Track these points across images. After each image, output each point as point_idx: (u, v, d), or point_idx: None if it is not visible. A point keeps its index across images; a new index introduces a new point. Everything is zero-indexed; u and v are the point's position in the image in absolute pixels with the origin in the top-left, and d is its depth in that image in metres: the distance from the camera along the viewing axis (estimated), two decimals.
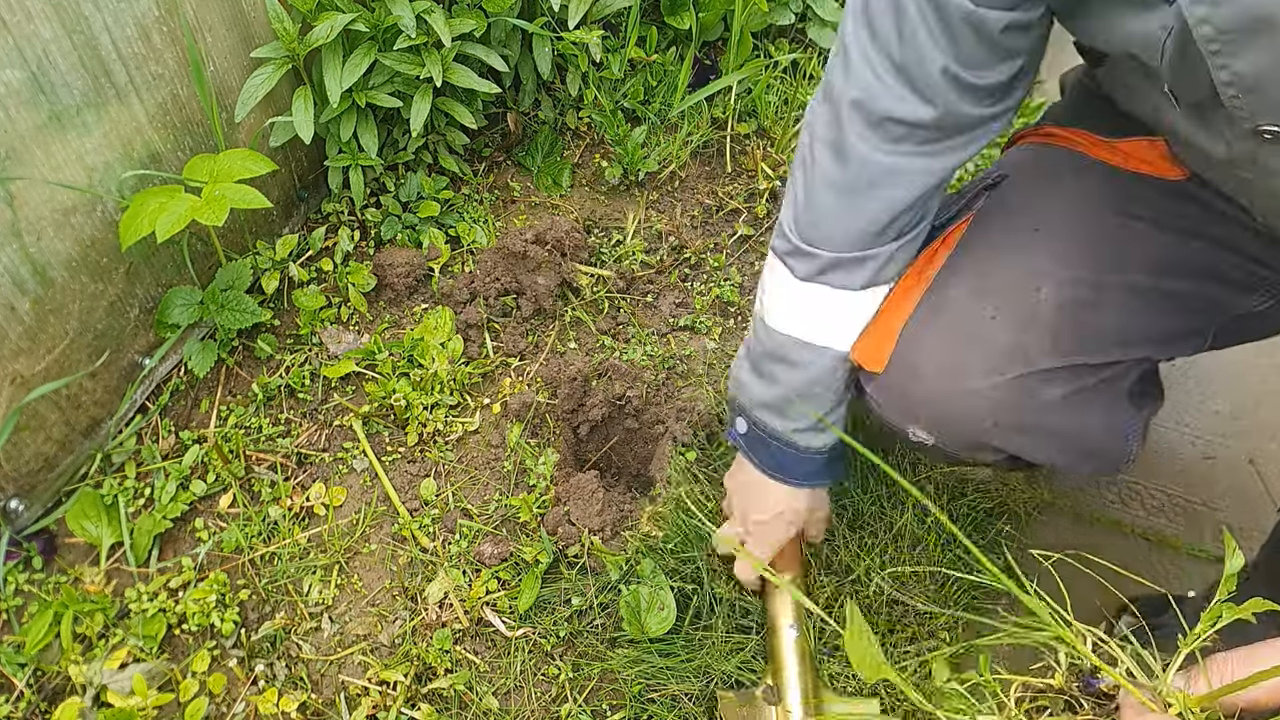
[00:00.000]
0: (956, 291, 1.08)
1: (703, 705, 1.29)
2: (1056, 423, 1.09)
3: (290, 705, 1.26)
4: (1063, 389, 1.07)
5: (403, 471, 1.50)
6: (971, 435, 1.10)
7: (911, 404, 1.10)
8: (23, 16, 1.09)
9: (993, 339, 1.05)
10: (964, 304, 1.07)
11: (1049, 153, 1.17)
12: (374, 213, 1.73)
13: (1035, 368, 1.05)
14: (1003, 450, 1.12)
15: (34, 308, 1.26)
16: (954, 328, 1.07)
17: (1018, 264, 1.07)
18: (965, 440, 1.11)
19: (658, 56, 1.97)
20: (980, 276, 1.08)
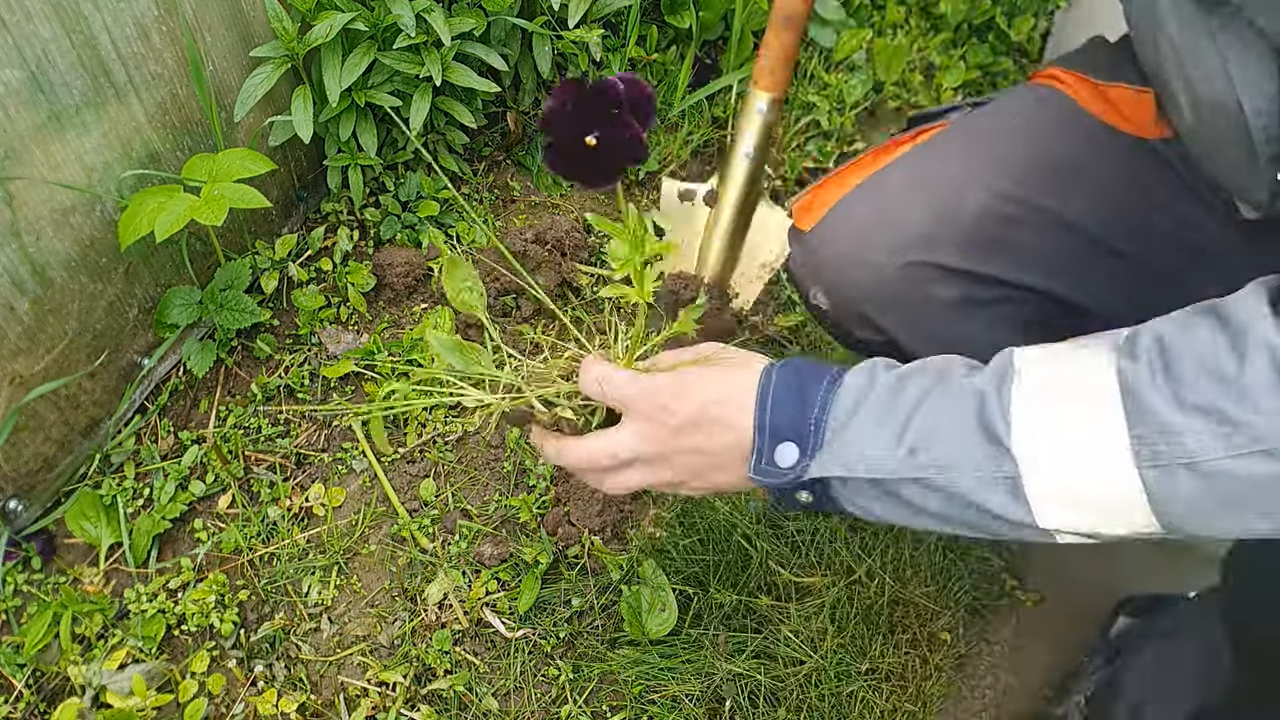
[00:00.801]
0: (895, 178, 1.12)
1: (703, 706, 1.29)
2: (939, 321, 1.10)
3: (289, 706, 1.26)
4: (956, 291, 1.09)
5: (402, 472, 1.50)
6: (858, 307, 1.13)
7: (818, 266, 1.15)
8: (22, 16, 1.08)
9: (907, 224, 1.09)
10: (896, 189, 1.11)
11: (1040, 90, 1.18)
12: (373, 212, 1.73)
13: (935, 261, 1.08)
14: (884, 332, 1.14)
15: (33, 308, 1.25)
16: (879, 208, 1.11)
17: (959, 167, 1.10)
18: (852, 311, 1.14)
19: (658, 56, 1.97)
20: (921, 170, 1.12)
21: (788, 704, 1.29)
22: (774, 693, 1.31)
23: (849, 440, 0.77)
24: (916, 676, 1.35)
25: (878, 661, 1.34)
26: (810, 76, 2.05)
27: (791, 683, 1.31)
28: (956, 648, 1.38)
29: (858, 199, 1.13)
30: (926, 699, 1.33)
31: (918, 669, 1.35)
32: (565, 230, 1.70)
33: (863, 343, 1.19)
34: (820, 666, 1.32)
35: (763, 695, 1.30)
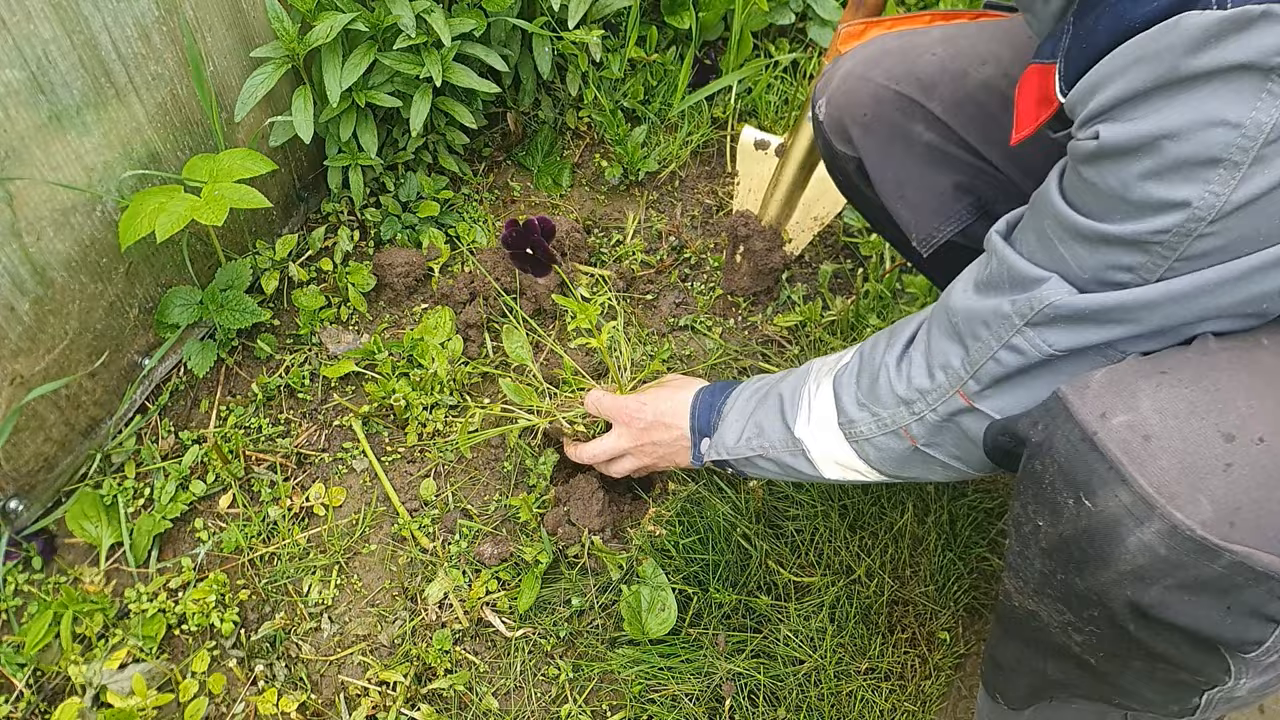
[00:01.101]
0: (934, 34, 1.25)
1: (703, 705, 1.29)
2: (906, 158, 1.24)
3: (290, 705, 1.26)
4: (933, 136, 1.21)
5: (402, 471, 1.50)
6: (844, 117, 1.27)
7: (833, 78, 1.29)
8: (22, 16, 1.09)
9: (918, 66, 1.21)
10: (927, 41, 1.23)
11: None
12: (374, 212, 1.73)
13: (924, 104, 1.20)
14: (857, 151, 1.28)
15: (34, 308, 1.26)
16: (903, 47, 1.24)
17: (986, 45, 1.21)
18: (838, 121, 1.28)
19: (658, 56, 1.97)
20: (956, 38, 1.23)
21: (787, 703, 1.30)
22: (773, 692, 1.31)
23: (721, 434, 1.23)
24: (916, 676, 1.35)
25: (877, 661, 1.34)
26: (810, 76, 2.05)
27: (791, 682, 1.31)
28: (956, 647, 1.38)
29: (893, 38, 1.27)
30: (926, 698, 1.34)
31: (917, 668, 1.35)
32: (565, 230, 1.70)
33: (839, 155, 1.33)
34: (820, 666, 1.32)
35: (762, 694, 1.30)
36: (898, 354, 1.03)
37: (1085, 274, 0.80)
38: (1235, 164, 0.68)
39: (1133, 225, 0.74)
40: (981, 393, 0.92)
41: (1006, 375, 0.88)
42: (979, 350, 0.90)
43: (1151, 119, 0.70)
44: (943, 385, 0.95)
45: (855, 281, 1.76)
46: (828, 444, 1.10)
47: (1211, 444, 0.72)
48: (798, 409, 1.13)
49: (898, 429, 1.02)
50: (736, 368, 1.64)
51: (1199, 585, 0.73)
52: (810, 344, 1.66)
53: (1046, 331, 0.84)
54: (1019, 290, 0.85)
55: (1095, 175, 0.76)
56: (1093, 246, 0.79)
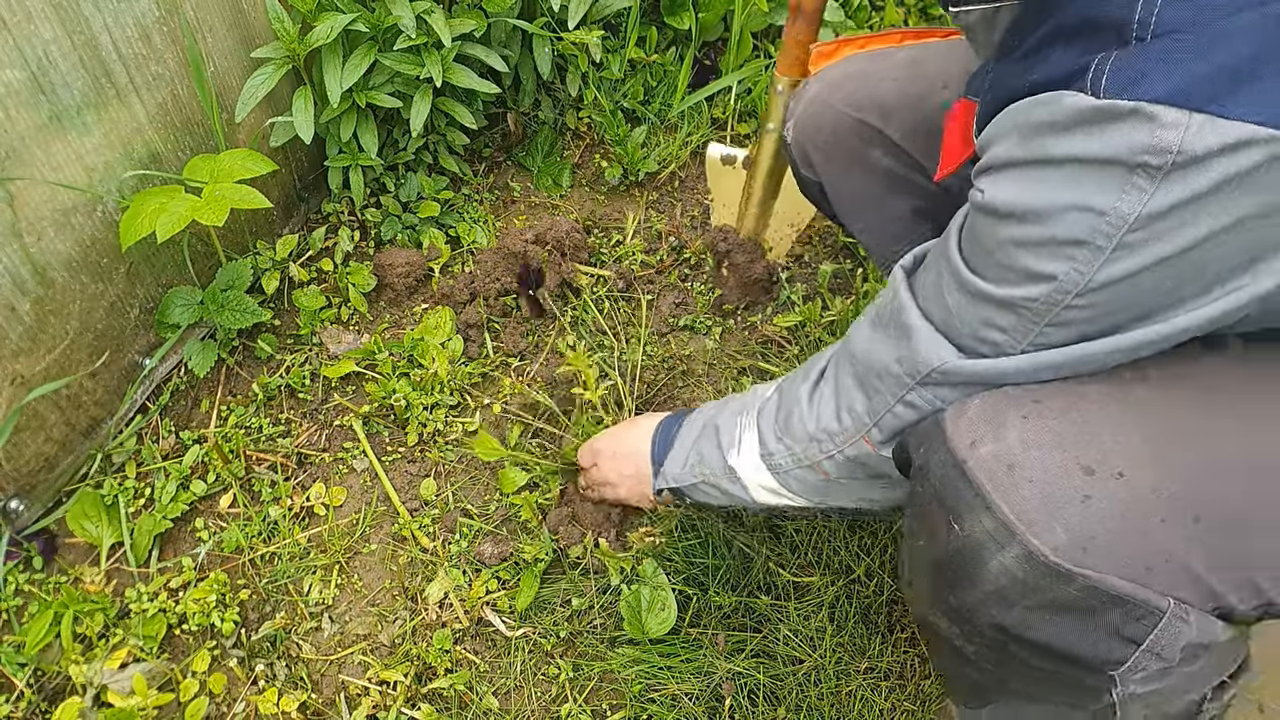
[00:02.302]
0: (900, 56, 1.26)
1: (703, 705, 1.29)
2: (864, 182, 1.27)
3: (290, 705, 1.26)
4: (890, 162, 1.24)
5: (403, 471, 1.50)
6: (807, 143, 1.30)
7: (801, 99, 1.32)
8: (23, 16, 1.09)
9: (877, 92, 1.23)
10: (892, 64, 1.25)
11: None
12: (374, 213, 1.73)
13: (882, 130, 1.22)
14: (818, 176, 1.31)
15: (34, 308, 1.26)
16: (866, 70, 1.26)
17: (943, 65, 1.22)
18: (804, 148, 1.31)
19: (658, 56, 1.97)
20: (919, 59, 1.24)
21: (787, 703, 1.30)
22: (773, 691, 1.31)
23: (668, 464, 1.26)
24: (915, 675, 1.35)
25: (876, 660, 1.34)
26: None
27: (791, 681, 1.31)
28: None
29: (860, 59, 1.28)
30: (925, 698, 1.34)
31: (916, 667, 1.35)
32: (565, 231, 1.70)
33: (805, 180, 1.36)
34: (819, 665, 1.32)
35: (762, 694, 1.30)
36: (809, 389, 1.06)
37: (964, 328, 0.83)
38: (1099, 247, 0.70)
39: (1006, 289, 0.77)
40: (885, 442, 0.96)
41: (905, 426, 0.92)
42: (879, 402, 0.94)
43: (1024, 191, 0.73)
44: (849, 429, 0.99)
45: (855, 281, 1.76)
46: (756, 473, 1.13)
47: (1071, 476, 0.76)
48: (733, 439, 1.16)
49: (812, 464, 1.05)
50: (736, 368, 1.64)
51: (1058, 607, 0.77)
52: (810, 344, 1.67)
53: (938, 389, 0.87)
54: (905, 342, 0.88)
55: (979, 229, 0.79)
56: (972, 300, 0.81)
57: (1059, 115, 0.69)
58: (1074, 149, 0.68)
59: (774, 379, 1.32)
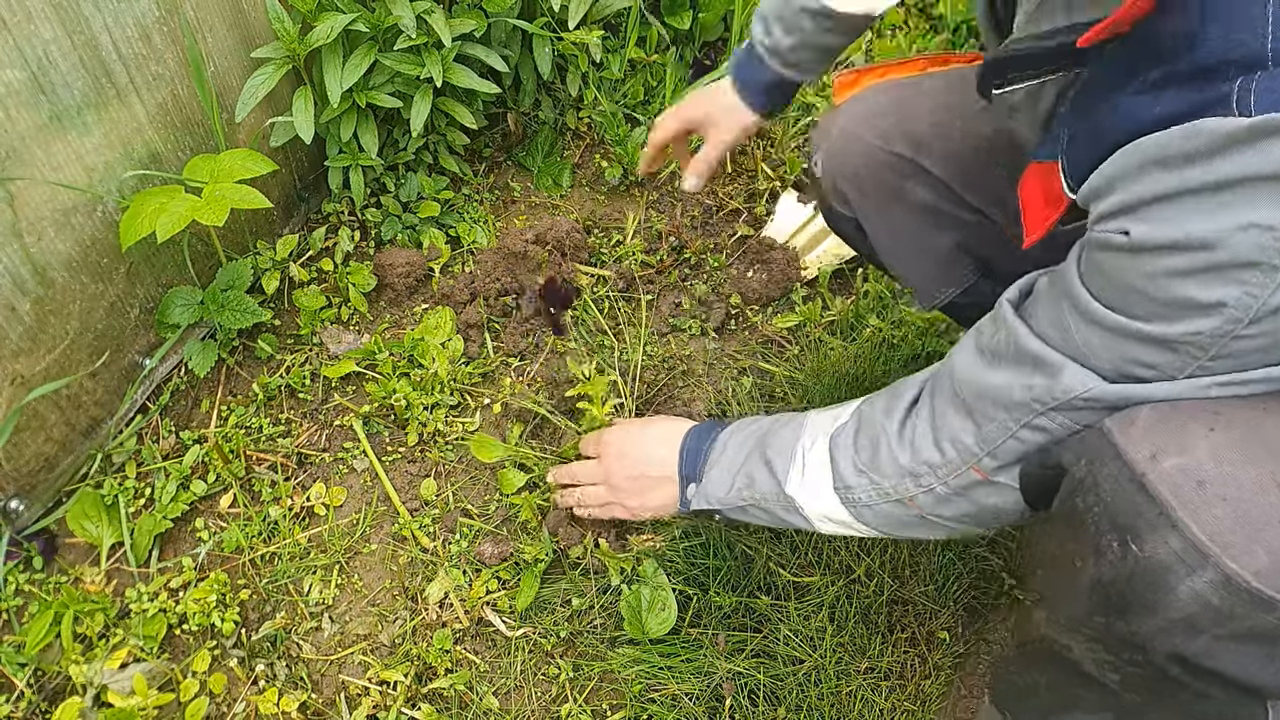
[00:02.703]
0: (927, 84, 1.22)
1: (703, 705, 1.29)
2: (903, 217, 1.23)
3: (290, 705, 1.26)
4: (929, 195, 1.20)
5: (403, 471, 1.50)
6: (840, 180, 1.26)
7: (829, 131, 1.27)
8: (23, 16, 1.09)
9: (911, 123, 1.20)
10: (920, 93, 1.21)
11: None
12: (374, 213, 1.73)
13: (918, 161, 1.19)
14: (854, 211, 1.27)
15: (34, 308, 1.26)
16: (896, 102, 1.22)
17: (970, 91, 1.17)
18: (836, 183, 1.27)
19: (657, 57, 1.97)
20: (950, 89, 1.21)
21: (787, 703, 1.30)
22: (773, 691, 1.31)
23: (708, 483, 1.19)
24: (915, 675, 1.35)
25: (877, 660, 1.34)
26: None
27: (791, 682, 1.31)
28: (955, 647, 1.38)
29: (886, 90, 1.24)
30: (925, 698, 1.34)
31: (917, 668, 1.35)
32: (565, 231, 1.70)
33: (838, 216, 1.32)
34: (819, 665, 1.32)
35: (762, 694, 1.30)
36: (899, 420, 1.00)
37: (1105, 366, 0.78)
38: (1273, 266, 0.66)
39: (1161, 326, 0.72)
40: (1000, 468, 0.90)
41: (1028, 451, 0.87)
42: (995, 430, 0.88)
43: (1181, 223, 0.68)
44: (954, 461, 0.93)
45: (855, 282, 1.76)
46: (822, 504, 1.08)
47: (1268, 493, 0.70)
48: (790, 465, 1.11)
49: (902, 499, 0.99)
50: (736, 368, 1.64)
51: (1250, 635, 0.72)
52: (810, 344, 1.67)
53: (1074, 414, 0.82)
54: (1033, 373, 0.83)
55: (1118, 269, 0.74)
56: (1114, 339, 0.76)
57: (1208, 141, 0.66)
58: (1234, 170, 0.65)
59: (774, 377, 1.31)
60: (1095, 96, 0.77)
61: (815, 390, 1.57)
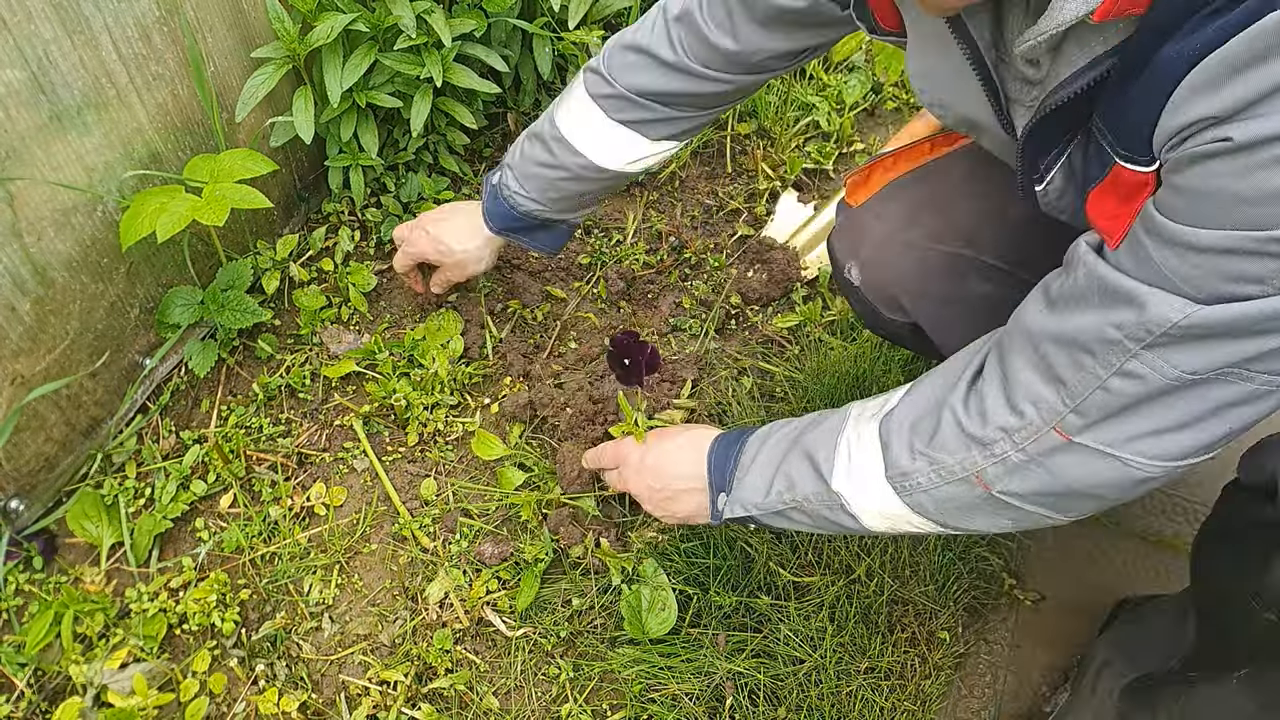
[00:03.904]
0: (953, 171, 1.17)
1: (703, 705, 1.29)
2: (967, 314, 1.14)
3: (291, 705, 1.26)
4: (992, 287, 1.15)
5: (403, 471, 1.50)
6: (890, 286, 1.19)
7: (859, 240, 1.21)
8: (23, 16, 1.09)
9: (956, 217, 1.14)
10: (953, 182, 1.16)
11: None
12: (374, 213, 1.73)
13: (974, 255, 1.14)
14: (910, 316, 1.20)
15: (34, 308, 1.26)
16: (931, 196, 1.16)
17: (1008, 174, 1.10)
18: (883, 290, 1.21)
19: None
20: (976, 167, 1.15)
21: (788, 703, 1.30)
22: (774, 691, 1.31)
23: (742, 490, 1.13)
24: (916, 675, 1.35)
25: (877, 660, 1.34)
26: (809, 77, 2.05)
27: (791, 681, 1.31)
28: (955, 647, 1.38)
29: (912, 186, 1.17)
30: (926, 698, 1.34)
31: (917, 668, 1.35)
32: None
33: (888, 322, 1.25)
34: (820, 665, 1.32)
35: (762, 694, 1.30)
36: (964, 391, 0.93)
37: (1200, 292, 0.71)
38: None
39: (1269, 230, 0.66)
40: (1087, 428, 0.82)
41: (1123, 406, 0.79)
42: (1081, 381, 0.80)
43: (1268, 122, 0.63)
44: (1034, 421, 0.85)
45: None
46: (873, 497, 1.01)
47: None
48: (835, 459, 1.03)
49: (968, 475, 0.91)
50: (736, 368, 1.64)
51: None
52: (810, 344, 1.67)
53: (1170, 353, 0.74)
54: (1121, 308, 0.76)
55: (1216, 180, 0.68)
56: (1212, 259, 0.70)
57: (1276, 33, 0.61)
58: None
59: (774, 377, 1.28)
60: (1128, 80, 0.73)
61: (815, 390, 1.57)
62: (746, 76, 1.19)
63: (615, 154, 1.30)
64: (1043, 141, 0.85)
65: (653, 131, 1.28)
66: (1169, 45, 0.68)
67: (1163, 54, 0.68)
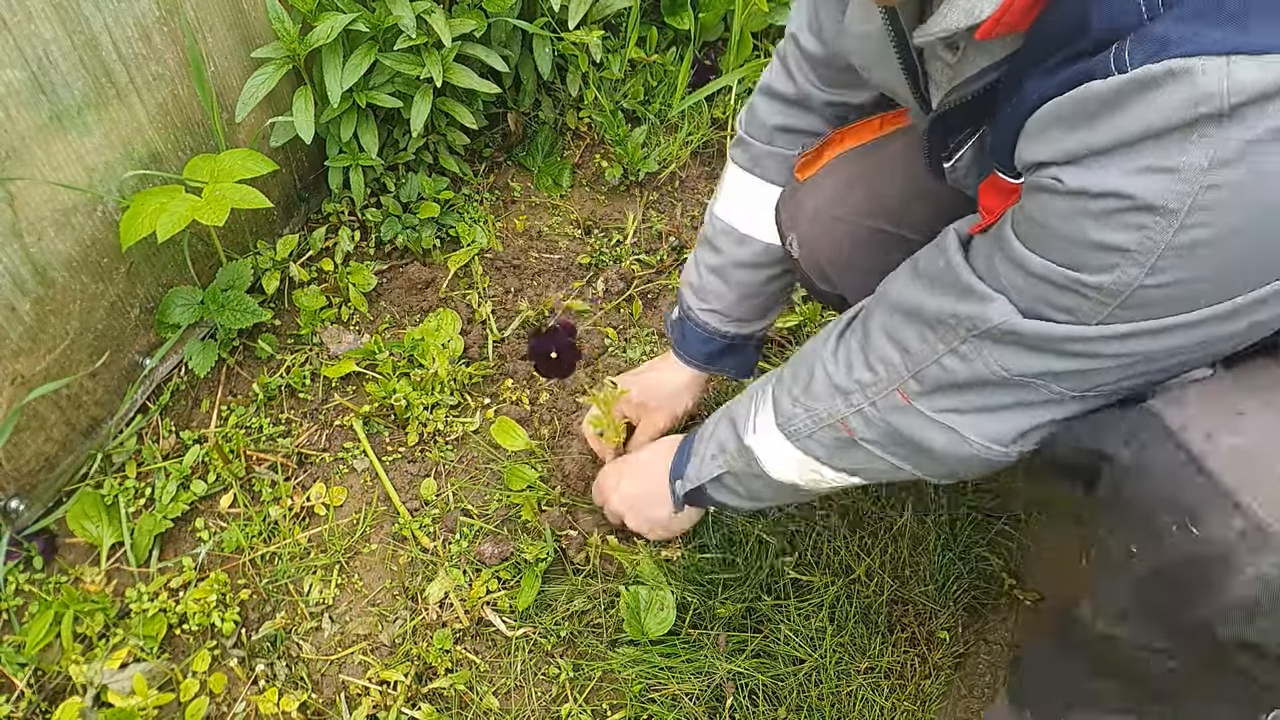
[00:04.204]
0: (893, 147, 1.18)
1: (703, 705, 1.29)
2: None
3: (291, 705, 1.26)
4: None
5: (403, 471, 1.50)
6: (821, 259, 1.22)
7: (799, 213, 1.22)
8: (23, 16, 1.09)
9: (885, 193, 1.17)
10: (889, 160, 1.17)
11: None
12: (374, 213, 1.73)
13: (899, 232, 1.15)
14: (838, 289, 1.23)
15: (34, 308, 1.26)
16: (866, 172, 1.18)
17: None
18: (816, 263, 1.23)
19: (657, 57, 1.97)
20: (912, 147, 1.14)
21: (788, 703, 1.30)
22: (774, 691, 1.31)
23: (689, 468, 1.23)
24: (916, 675, 1.35)
25: (877, 660, 1.34)
26: None
27: (791, 681, 1.31)
28: (955, 646, 1.38)
29: (851, 162, 1.19)
30: (925, 697, 1.34)
31: (917, 667, 1.35)
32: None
33: (821, 293, 1.29)
34: (820, 665, 1.32)
35: (762, 694, 1.30)
36: (833, 344, 1.03)
37: (1022, 304, 0.80)
38: (1172, 211, 0.65)
39: (1076, 272, 0.73)
40: (923, 394, 0.92)
41: (952, 384, 0.88)
42: (923, 352, 0.90)
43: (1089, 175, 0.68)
44: (882, 379, 0.95)
45: None
46: (774, 447, 1.09)
47: None
48: (748, 419, 1.13)
49: (834, 421, 1.01)
50: None
51: None
52: None
53: (992, 348, 0.84)
54: (964, 300, 0.84)
55: (1046, 214, 0.74)
56: (1035, 282, 0.77)
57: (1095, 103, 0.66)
58: (1122, 132, 0.65)
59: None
60: (1005, 99, 0.78)
61: None
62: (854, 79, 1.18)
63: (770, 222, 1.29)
64: (952, 124, 0.88)
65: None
66: (1031, 79, 0.73)
67: (1025, 86, 0.73)
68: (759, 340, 1.43)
